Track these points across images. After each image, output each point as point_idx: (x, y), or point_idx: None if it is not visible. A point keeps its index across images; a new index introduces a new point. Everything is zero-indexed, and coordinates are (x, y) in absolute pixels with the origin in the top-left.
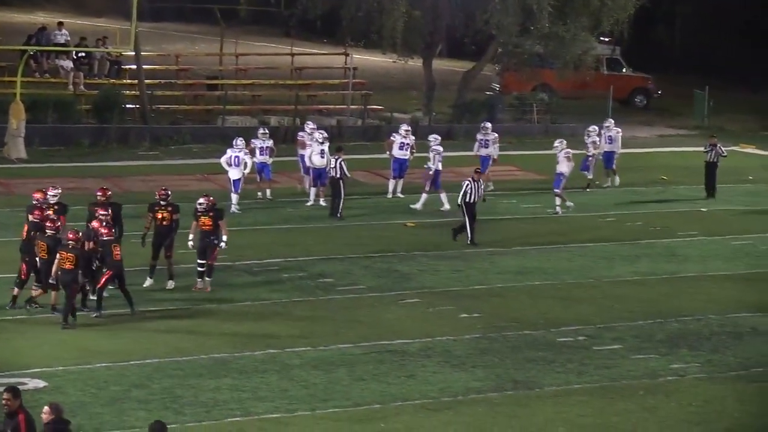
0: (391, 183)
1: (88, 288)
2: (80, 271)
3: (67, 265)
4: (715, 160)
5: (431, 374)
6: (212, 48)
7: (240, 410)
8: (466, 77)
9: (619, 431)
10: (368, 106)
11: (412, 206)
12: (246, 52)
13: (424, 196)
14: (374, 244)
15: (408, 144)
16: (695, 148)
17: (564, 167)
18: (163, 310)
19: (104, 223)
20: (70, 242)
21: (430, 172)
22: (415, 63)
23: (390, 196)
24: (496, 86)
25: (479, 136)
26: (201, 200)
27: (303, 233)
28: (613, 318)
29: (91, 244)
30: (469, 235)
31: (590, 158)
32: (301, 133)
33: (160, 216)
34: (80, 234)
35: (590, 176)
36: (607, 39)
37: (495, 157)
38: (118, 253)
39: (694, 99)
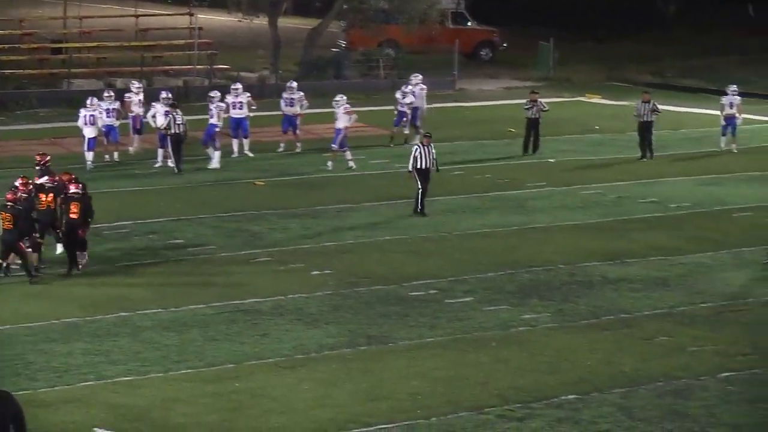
0: (234, 142)
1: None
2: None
3: (6, 225)
4: (537, 116)
5: (284, 332)
6: (56, 11)
7: (93, 374)
8: (312, 35)
9: (472, 383)
10: (214, 66)
11: (209, 167)
12: (90, 15)
13: (216, 154)
14: (223, 204)
15: (241, 102)
16: (542, 100)
17: (342, 122)
18: (13, 276)
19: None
20: (8, 203)
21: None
22: (261, 21)
23: (236, 155)
24: (342, 43)
25: (285, 95)
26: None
27: (152, 195)
28: (464, 271)
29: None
30: (419, 202)
31: (404, 114)
32: (128, 95)
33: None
34: (18, 194)
35: (405, 131)
36: None
37: (300, 113)
38: (75, 211)
39: (539, 51)
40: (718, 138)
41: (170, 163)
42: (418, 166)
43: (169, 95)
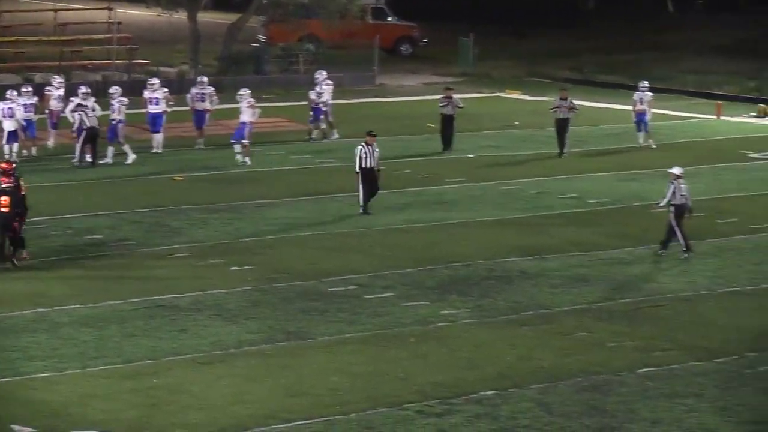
0: (154, 138)
1: None
2: None
3: None
4: (452, 113)
5: (203, 328)
6: None
7: (9, 371)
8: (232, 29)
9: (391, 379)
10: (134, 61)
11: (126, 162)
12: (9, 9)
13: (126, 147)
14: (142, 198)
15: (157, 98)
16: (462, 95)
17: (246, 116)
18: None
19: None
20: None
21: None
22: (180, 16)
23: (155, 151)
24: (262, 38)
25: (195, 90)
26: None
27: (70, 190)
28: (384, 266)
29: None
30: (362, 201)
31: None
32: (48, 89)
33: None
34: None
35: (323, 126)
36: None
37: (210, 109)
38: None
39: (459, 46)
40: (635, 134)
41: (88, 158)
42: (363, 166)
43: (88, 90)
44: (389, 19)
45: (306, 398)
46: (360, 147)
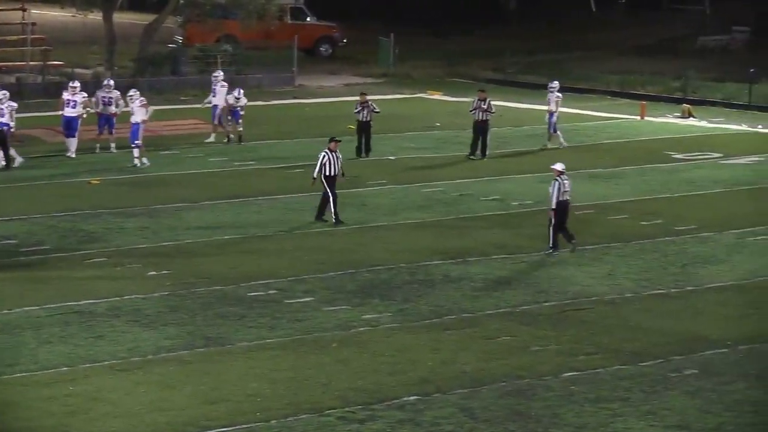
0: (70, 142)
1: None
2: None
3: None
4: (368, 118)
5: (120, 334)
6: None
7: None
8: (148, 30)
9: (313, 384)
10: (48, 62)
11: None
12: None
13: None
14: (58, 203)
15: (75, 101)
16: (383, 96)
17: (139, 117)
18: None
19: None
20: None
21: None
22: (96, 16)
23: (70, 155)
24: (179, 38)
25: (101, 94)
26: None
27: None
28: (304, 270)
29: None
30: (331, 210)
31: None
32: None
33: None
34: None
35: (240, 129)
36: None
37: (116, 112)
38: None
39: (379, 46)
40: (559, 134)
41: (1, 161)
42: (327, 173)
43: (7, 93)
44: (308, 19)
45: (226, 405)
46: (323, 154)
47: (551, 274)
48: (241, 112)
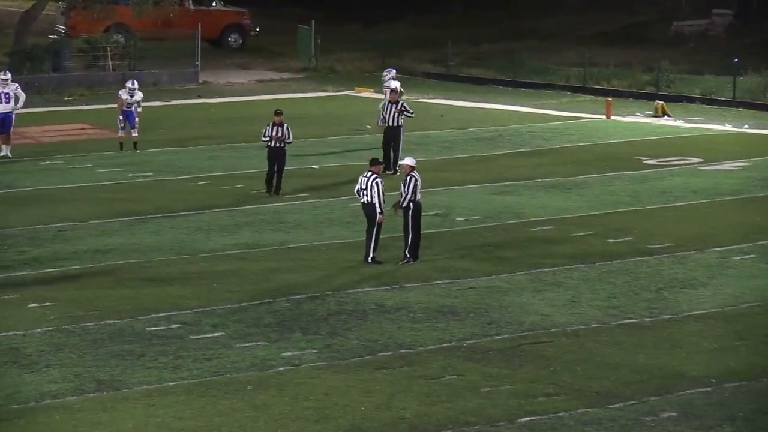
0: None
1: None
2: None
3: None
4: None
5: None
6: None
7: None
8: (25, 19)
9: None
10: None
11: None
12: None
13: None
14: None
15: (8, 94)
16: (303, 94)
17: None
18: None
19: None
20: None
21: None
22: None
23: (3, 153)
24: (62, 28)
25: None
26: None
27: None
28: (213, 300)
29: None
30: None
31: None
32: None
33: None
34: None
35: (135, 134)
36: None
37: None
38: None
39: (298, 36)
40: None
41: None
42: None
43: None
44: (214, 4)
45: None
46: (377, 178)
47: (504, 302)
48: (138, 110)
